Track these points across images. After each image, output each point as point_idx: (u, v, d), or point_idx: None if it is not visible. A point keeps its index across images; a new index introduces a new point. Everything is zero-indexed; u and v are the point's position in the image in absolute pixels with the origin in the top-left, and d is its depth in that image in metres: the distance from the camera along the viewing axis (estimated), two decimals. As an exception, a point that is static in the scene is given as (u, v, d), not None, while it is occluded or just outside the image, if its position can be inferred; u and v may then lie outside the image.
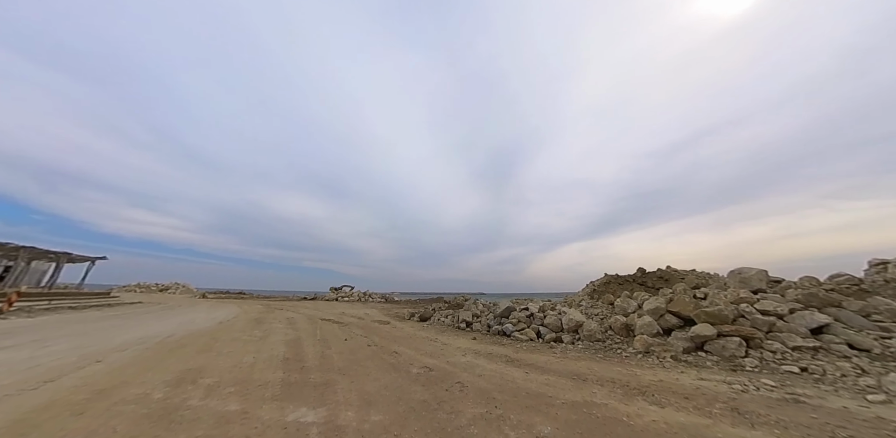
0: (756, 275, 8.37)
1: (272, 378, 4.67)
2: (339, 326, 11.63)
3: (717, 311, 6.74)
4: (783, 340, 6.19)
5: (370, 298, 37.55)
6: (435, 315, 13.63)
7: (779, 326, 6.58)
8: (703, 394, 4.25)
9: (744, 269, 8.75)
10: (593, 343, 7.85)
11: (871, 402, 3.87)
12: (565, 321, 8.80)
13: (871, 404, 3.82)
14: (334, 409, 3.53)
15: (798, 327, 6.46)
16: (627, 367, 5.83)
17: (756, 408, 3.72)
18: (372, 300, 36.39)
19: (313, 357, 6.26)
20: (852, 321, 6.63)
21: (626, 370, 5.63)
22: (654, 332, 7.30)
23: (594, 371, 5.52)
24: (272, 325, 11.32)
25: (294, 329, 10.53)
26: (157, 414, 3.24)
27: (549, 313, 9.81)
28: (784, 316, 6.85)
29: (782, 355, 5.80)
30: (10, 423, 3.00)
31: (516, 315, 10.48)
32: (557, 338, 8.54)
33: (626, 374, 5.32)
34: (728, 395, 4.21)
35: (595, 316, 9.05)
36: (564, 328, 8.72)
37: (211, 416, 3.23)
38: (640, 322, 7.60)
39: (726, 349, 6.17)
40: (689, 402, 3.96)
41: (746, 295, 7.70)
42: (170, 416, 3.21)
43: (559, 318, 9.11)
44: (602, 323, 8.52)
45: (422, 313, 13.66)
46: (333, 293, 38.84)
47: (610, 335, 8.01)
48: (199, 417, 3.20)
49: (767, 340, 6.30)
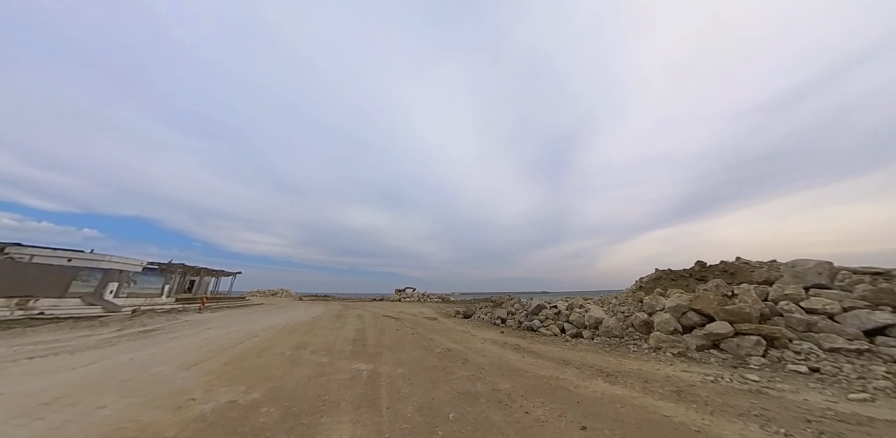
0: (814, 268, 7.36)
1: (345, 348, 7.14)
2: (395, 321, 13.84)
3: (737, 309, 6.42)
4: (818, 341, 5.65)
5: (428, 299, 40.44)
6: (477, 312, 14.84)
7: (820, 326, 5.95)
8: (667, 380, 4.66)
9: (799, 261, 7.73)
10: (610, 338, 8.09)
11: (848, 400, 3.79)
12: (587, 318, 9.11)
13: (846, 401, 3.76)
14: (378, 365, 5.60)
15: (847, 327, 5.77)
16: (622, 359, 6.22)
17: (702, 393, 4.09)
18: (430, 300, 39.18)
19: (371, 339, 8.55)
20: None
21: (618, 360, 6.07)
22: (671, 330, 7.22)
23: (585, 360, 6.14)
24: (347, 319, 14.23)
25: (362, 322, 13.13)
26: (289, 360, 5.89)
27: (576, 310, 10.14)
28: (835, 316, 6.11)
29: (806, 356, 5.39)
30: (230, 359, 5.87)
31: (545, 312, 11.03)
32: (578, 334, 8.95)
33: (612, 363, 5.82)
34: (690, 383, 4.53)
35: (619, 314, 9.08)
36: (586, 324, 9.05)
37: (314, 363, 5.69)
38: (658, 319, 7.57)
39: (741, 347, 5.95)
40: (643, 384, 4.49)
41: (793, 292, 6.94)
42: (295, 361, 5.81)
43: (583, 315, 9.44)
44: (624, 321, 8.59)
45: (465, 311, 15.01)
46: (397, 294, 43.03)
47: (629, 331, 8.10)
48: (308, 363, 5.73)
49: (799, 340, 5.80)
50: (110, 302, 15.56)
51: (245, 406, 3.53)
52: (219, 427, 2.99)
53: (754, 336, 6.01)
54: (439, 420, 3.21)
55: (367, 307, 25.19)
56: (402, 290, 45.38)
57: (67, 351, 6.36)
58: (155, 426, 3.01)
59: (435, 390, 4.21)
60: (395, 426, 3.08)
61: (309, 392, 4.08)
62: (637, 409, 3.54)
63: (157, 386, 4.18)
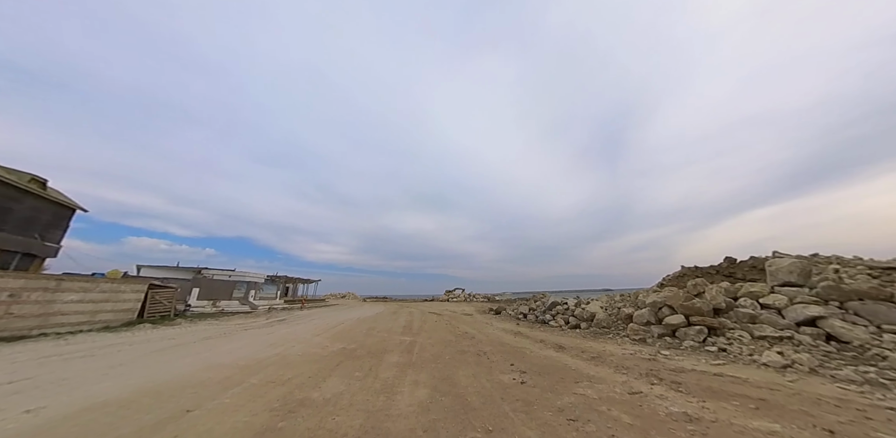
0: (786, 267, 8.26)
1: (397, 329, 10.98)
2: (437, 316, 17.08)
3: (691, 304, 7.89)
4: (752, 330, 6.95)
5: (474, 298, 43.25)
6: (507, 309, 17.20)
7: (762, 318, 7.17)
8: (600, 352, 6.83)
9: (775, 261, 8.59)
10: (599, 329, 9.94)
11: (708, 364, 5.54)
12: (586, 313, 10.98)
13: (703, 365, 5.53)
14: (415, 338, 9.10)
15: (787, 319, 6.94)
16: (590, 342, 8.30)
17: (612, 358, 6.25)
18: (475, 300, 41.90)
19: (415, 326, 12.17)
20: (877, 315, 6.50)
21: (584, 342, 8.20)
22: (645, 322, 8.84)
23: (558, 341, 8.40)
24: (400, 314, 18.23)
25: (411, 316, 16.80)
26: (366, 334, 10.06)
27: (582, 307, 11.97)
28: (782, 310, 7.25)
29: (733, 341, 6.80)
30: (334, 333, 10.10)
31: (558, 308, 13.02)
32: (577, 325, 10.91)
33: (576, 343, 8.00)
34: (612, 353, 6.64)
35: (614, 309, 10.70)
36: (584, 318, 10.93)
37: (379, 336, 9.52)
38: (637, 313, 9.20)
39: (687, 335, 7.51)
40: (579, 353, 6.76)
41: (758, 289, 8.05)
42: (369, 334, 9.94)
43: (584, 310, 11.30)
44: (616, 314, 10.26)
45: (496, 308, 17.52)
46: (446, 295, 46.81)
47: (616, 323, 9.83)
48: (376, 336, 9.62)
49: (737, 330, 7.13)
50: (252, 303, 22.47)
51: (349, 349, 7.15)
52: (342, 355, 6.56)
53: (699, 326, 7.47)
54: (440, 359, 6.20)
55: (417, 306, 29.41)
56: (451, 291, 49.02)
57: (256, 328, 11.10)
58: (318, 352, 6.74)
59: (444, 349, 7.19)
60: (418, 358, 6.24)
61: (378, 346, 7.56)
62: (555, 361, 5.98)
63: (309, 341, 8.25)
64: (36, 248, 15.74)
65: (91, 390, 4.29)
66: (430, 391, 4.24)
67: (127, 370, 5.46)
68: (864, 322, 6.48)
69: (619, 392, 4.10)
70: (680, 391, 4.14)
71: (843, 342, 6.18)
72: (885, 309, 6.50)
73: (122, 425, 3.16)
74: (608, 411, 3.48)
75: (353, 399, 3.91)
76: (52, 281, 9.81)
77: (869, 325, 6.39)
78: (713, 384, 4.44)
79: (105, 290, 11.10)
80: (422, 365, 5.66)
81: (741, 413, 3.41)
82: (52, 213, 16.58)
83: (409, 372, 5.20)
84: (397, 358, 6.25)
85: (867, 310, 6.62)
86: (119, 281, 12.27)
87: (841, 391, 4.07)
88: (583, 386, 4.38)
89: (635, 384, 4.48)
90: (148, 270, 19.45)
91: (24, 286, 9.06)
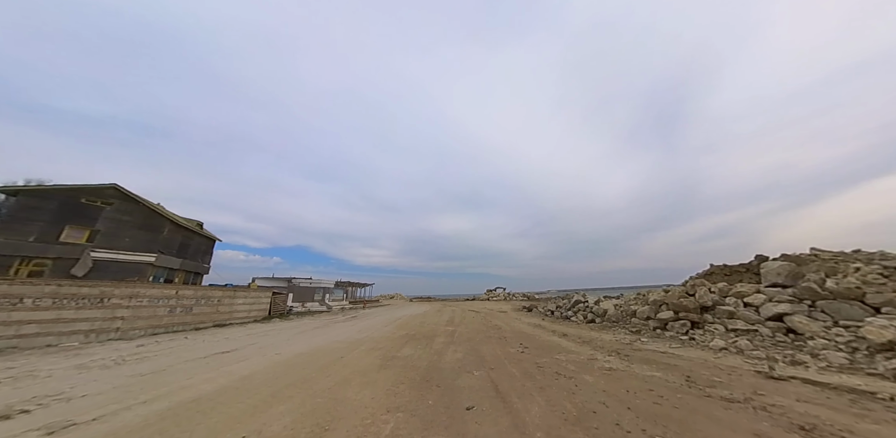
0: (774, 270, 9.45)
1: (443, 323, 14.29)
2: (475, 313, 19.89)
3: (680, 302, 9.54)
4: (727, 324, 8.49)
5: (513, 297, 44.92)
6: (537, 307, 19.33)
7: (738, 315, 8.65)
8: (593, 338, 8.99)
9: (768, 264, 9.72)
10: (610, 323, 11.84)
11: (668, 346, 7.49)
12: (600, 309, 12.88)
13: (664, 347, 7.48)
14: (455, 328, 12.20)
15: (760, 315, 8.39)
16: (594, 333, 10.39)
17: (598, 342, 8.43)
18: (514, 298, 43.59)
19: (457, 321, 15.38)
20: (840, 312, 7.76)
21: (589, 333, 10.31)
22: (645, 317, 10.60)
23: (567, 331, 10.61)
24: (444, 312, 21.72)
25: (453, 314, 19.99)
26: (419, 325, 13.72)
27: (599, 304, 13.82)
28: (759, 307, 8.66)
29: (708, 333, 8.42)
30: (396, 326, 13.81)
31: (580, 306, 14.95)
32: (592, 320, 12.88)
33: (581, 334, 10.18)
34: (602, 339, 8.77)
35: (625, 306, 12.42)
36: (599, 314, 12.83)
37: (429, 327, 12.79)
38: (640, 309, 10.96)
39: (673, 327, 9.24)
40: (577, 339, 9.02)
41: (745, 290, 9.41)
42: (421, 325, 13.46)
43: (599, 307, 13.19)
44: (626, 310, 12.02)
45: (529, 306, 19.74)
46: (487, 294, 49.07)
47: (624, 318, 11.64)
48: (426, 327, 12.94)
49: (716, 324, 8.70)
50: (328, 304, 27.76)
51: (411, 334, 10.41)
52: (408, 338, 9.78)
53: (684, 320, 9.12)
54: (473, 340, 9.04)
55: (459, 305, 32.82)
56: (492, 290, 51.28)
57: (342, 322, 15.13)
58: (391, 336, 10.20)
59: (476, 335, 10.04)
60: (457, 339, 9.22)
61: (430, 332, 10.78)
62: (553, 343, 8.36)
63: (381, 330, 11.84)
64: (201, 269, 23.21)
65: (292, 348, 8.08)
66: (462, 355, 7.05)
67: (295, 341, 9.34)
68: (825, 318, 7.66)
69: (581, 358, 6.46)
70: (623, 359, 6.35)
71: (799, 334, 7.50)
72: (847, 307, 7.62)
73: (320, 359, 6.63)
74: (566, 365, 5.93)
75: (420, 356, 6.91)
76: (233, 291, 15.32)
77: (828, 321, 7.57)
78: (653, 357, 6.53)
79: (252, 296, 16.55)
80: (459, 343, 8.50)
81: (648, 369, 5.60)
82: (206, 244, 23.79)
83: (451, 347, 8.07)
84: (443, 340, 9.18)
85: (832, 308, 7.76)
86: (257, 289, 17.92)
87: (739, 362, 5.91)
88: (561, 355, 6.81)
89: (597, 355, 6.78)
90: (259, 281, 25.69)
91: (222, 295, 14.64)
